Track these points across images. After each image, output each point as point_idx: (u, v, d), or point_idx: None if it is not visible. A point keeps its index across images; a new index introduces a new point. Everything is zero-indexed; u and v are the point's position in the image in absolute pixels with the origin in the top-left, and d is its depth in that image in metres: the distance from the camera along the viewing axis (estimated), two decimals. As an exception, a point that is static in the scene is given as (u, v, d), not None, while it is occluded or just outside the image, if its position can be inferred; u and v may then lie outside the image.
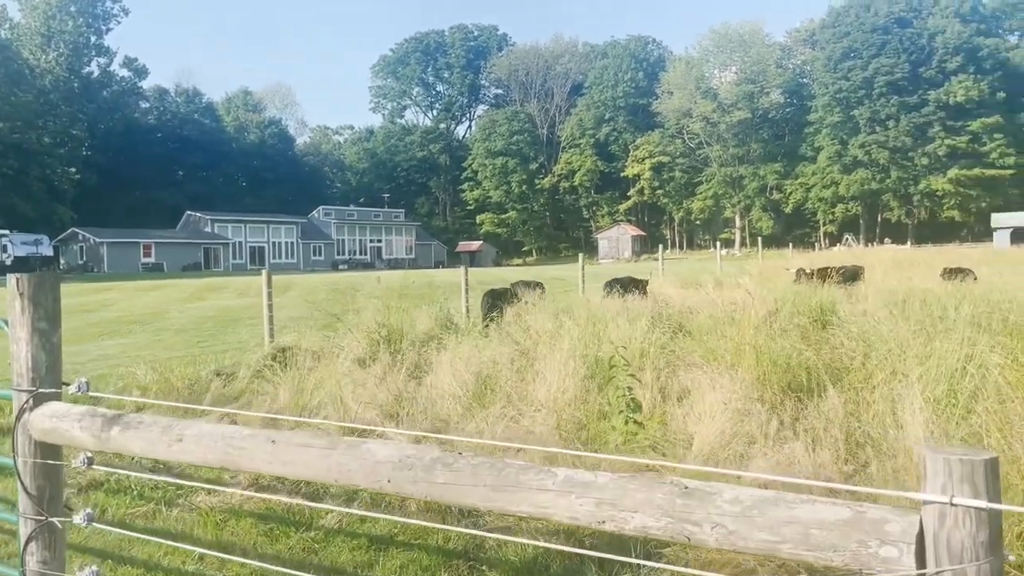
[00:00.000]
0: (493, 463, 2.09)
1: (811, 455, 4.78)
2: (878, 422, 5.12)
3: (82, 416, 2.92)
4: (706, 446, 5.16)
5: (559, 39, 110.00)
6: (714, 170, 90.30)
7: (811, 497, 1.71)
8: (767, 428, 5.23)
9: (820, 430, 5.11)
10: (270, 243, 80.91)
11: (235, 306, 25.38)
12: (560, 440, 5.64)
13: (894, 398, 5.54)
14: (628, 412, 5.44)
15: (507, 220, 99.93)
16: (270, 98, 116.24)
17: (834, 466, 4.71)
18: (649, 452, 5.45)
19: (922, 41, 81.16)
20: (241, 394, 8.88)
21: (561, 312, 12.00)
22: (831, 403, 5.36)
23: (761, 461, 4.76)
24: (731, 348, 6.71)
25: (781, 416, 5.45)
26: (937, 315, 7.98)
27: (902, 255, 35.17)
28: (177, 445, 2.67)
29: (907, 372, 5.67)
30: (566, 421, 5.92)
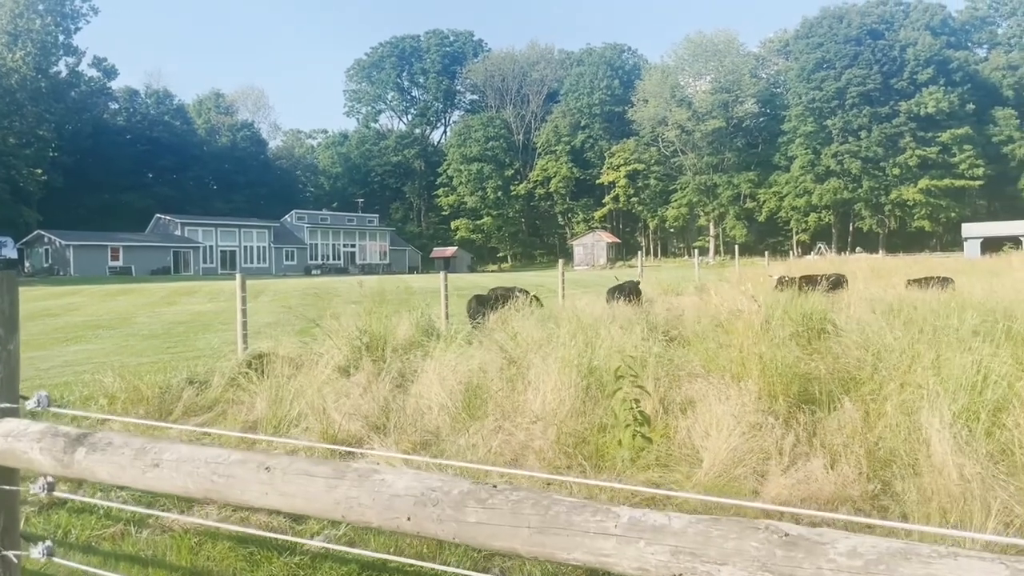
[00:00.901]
0: (537, 499, 1.74)
1: (832, 473, 4.49)
2: (899, 437, 4.84)
3: (42, 435, 2.54)
4: (718, 463, 4.85)
5: (535, 46, 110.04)
6: (688, 178, 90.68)
7: (952, 550, 1.37)
8: (782, 443, 4.94)
9: (839, 446, 4.82)
10: (241, 247, 79.79)
11: (206, 311, 24.78)
12: (563, 456, 5.29)
13: (909, 410, 5.29)
14: (636, 426, 5.13)
15: (482, 226, 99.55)
16: (242, 101, 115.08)
17: (856, 485, 4.42)
18: (657, 468, 5.14)
19: (894, 53, 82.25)
20: (215, 403, 8.44)
21: (548, 319, 11.70)
22: (848, 416, 5.08)
23: (781, 479, 4.46)
24: (735, 357, 6.42)
25: (796, 430, 5.16)
26: (939, 324, 7.77)
27: (878, 263, 35.36)
28: (153, 472, 2.30)
29: (921, 383, 5.41)
30: (566, 435, 5.58)
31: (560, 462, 5.20)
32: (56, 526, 5.03)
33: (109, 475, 2.41)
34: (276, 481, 2.06)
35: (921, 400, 5.33)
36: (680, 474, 5.03)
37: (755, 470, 4.80)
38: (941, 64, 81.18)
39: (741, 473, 4.78)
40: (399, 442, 5.80)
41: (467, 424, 6.47)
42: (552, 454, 5.25)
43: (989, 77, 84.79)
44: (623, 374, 5.38)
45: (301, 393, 7.53)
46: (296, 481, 2.03)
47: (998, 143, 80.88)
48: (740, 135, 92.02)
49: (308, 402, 7.24)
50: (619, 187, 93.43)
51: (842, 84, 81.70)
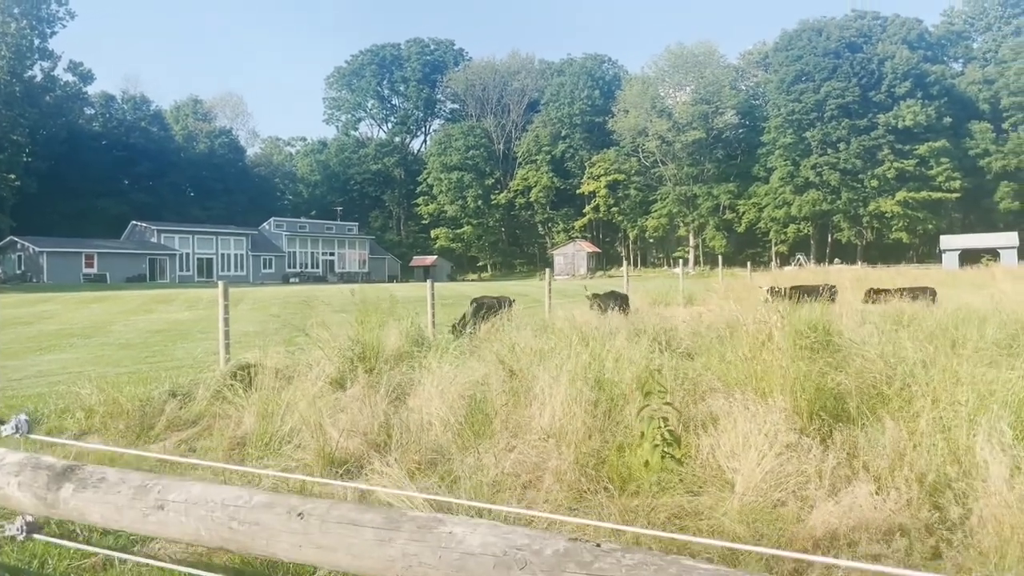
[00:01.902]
0: (662, 565, 1.37)
1: (880, 499, 4.16)
2: (946, 458, 4.53)
3: (20, 467, 2.14)
4: (752, 487, 4.51)
5: (516, 55, 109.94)
6: (668, 189, 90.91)
7: None
8: (821, 466, 4.61)
9: (884, 468, 4.50)
10: (219, 255, 78.83)
11: (184, 319, 24.22)
12: (584, 477, 4.93)
13: (944, 428, 5.00)
14: (664, 446, 4.78)
15: (462, 235, 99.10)
16: (220, 107, 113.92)
17: (906, 512, 4.10)
18: (682, 490, 4.79)
19: (872, 66, 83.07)
20: (200, 417, 8.00)
21: (545, 329, 11.35)
22: (889, 436, 4.76)
23: (829, 507, 4.13)
24: (756, 371, 6.09)
25: (834, 451, 4.83)
26: (955, 336, 7.51)
27: (862, 274, 35.35)
28: (157, 515, 1.91)
29: (959, 400, 5.12)
30: (585, 454, 5.22)
31: (583, 485, 4.83)
32: (31, 555, 4.59)
33: (103, 517, 2.02)
34: (312, 531, 1.68)
35: (957, 418, 5.05)
36: (710, 498, 4.69)
37: (794, 495, 4.46)
38: (918, 78, 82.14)
39: (780, 498, 4.44)
40: (402, 461, 5.40)
41: (472, 441, 6.09)
42: (573, 475, 4.89)
43: (965, 91, 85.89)
44: (651, 390, 5.04)
45: (292, 407, 7.11)
46: (337, 531, 1.66)
47: (974, 156, 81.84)
48: (720, 146, 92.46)
49: (301, 417, 6.82)
50: (599, 197, 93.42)
51: (821, 96, 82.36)
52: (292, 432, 6.66)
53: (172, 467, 5.53)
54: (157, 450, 7.09)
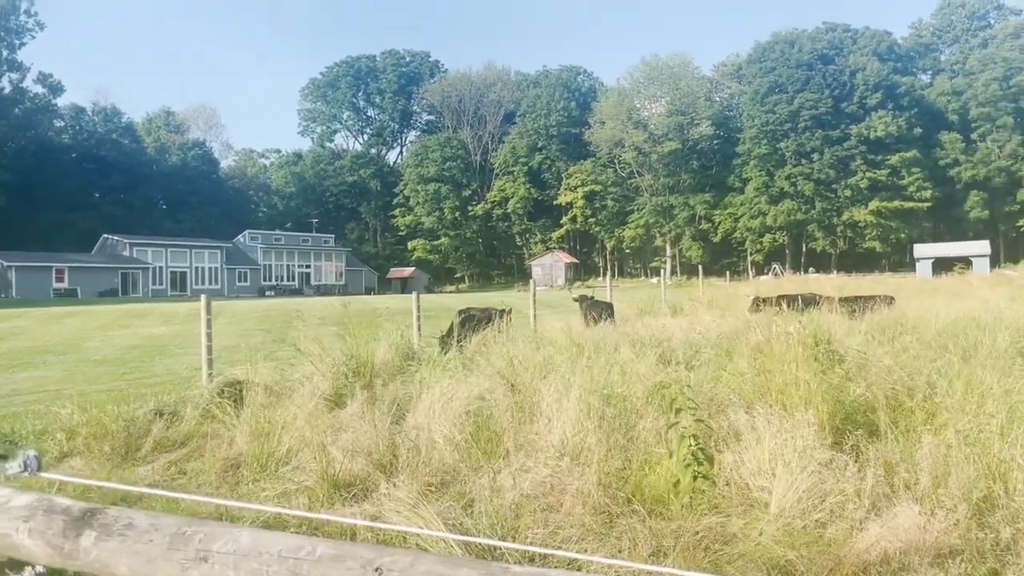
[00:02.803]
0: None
1: (927, 519, 3.96)
2: (988, 473, 4.35)
3: (31, 511, 1.86)
4: (788, 508, 4.29)
5: (491, 67, 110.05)
6: (645, 199, 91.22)
7: None
8: (860, 484, 4.40)
9: (928, 487, 4.30)
10: (192, 268, 77.79)
11: (161, 334, 23.71)
12: (609, 499, 4.68)
13: (974, 441, 4.82)
14: (696, 465, 4.55)
15: (439, 246, 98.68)
16: (193, 119, 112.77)
17: (954, 532, 3.91)
18: (709, 510, 4.56)
19: (844, 78, 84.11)
20: (189, 437, 7.65)
21: (539, 341, 11.12)
22: (928, 451, 4.57)
23: (878, 528, 3.92)
24: (776, 384, 5.89)
25: (873, 469, 4.62)
26: (966, 345, 7.37)
27: (840, 283, 35.51)
28: (199, 569, 1.64)
29: (991, 412, 4.95)
30: (607, 474, 4.97)
31: (610, 507, 4.59)
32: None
33: (132, 571, 1.74)
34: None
35: (986, 431, 4.88)
36: (739, 519, 4.47)
37: (833, 515, 4.25)
38: (889, 89, 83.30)
39: (819, 519, 4.23)
40: (411, 483, 5.13)
41: (481, 460, 5.83)
42: (597, 497, 4.64)
43: (935, 102, 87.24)
44: (681, 406, 4.81)
45: (289, 426, 6.80)
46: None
47: (944, 166, 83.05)
48: (695, 157, 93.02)
49: (298, 437, 6.52)
50: (577, 208, 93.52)
51: (794, 108, 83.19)
52: (290, 453, 6.35)
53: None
54: (146, 472, 6.76)
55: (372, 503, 5.15)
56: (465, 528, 4.36)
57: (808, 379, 5.70)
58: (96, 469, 6.76)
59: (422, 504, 4.58)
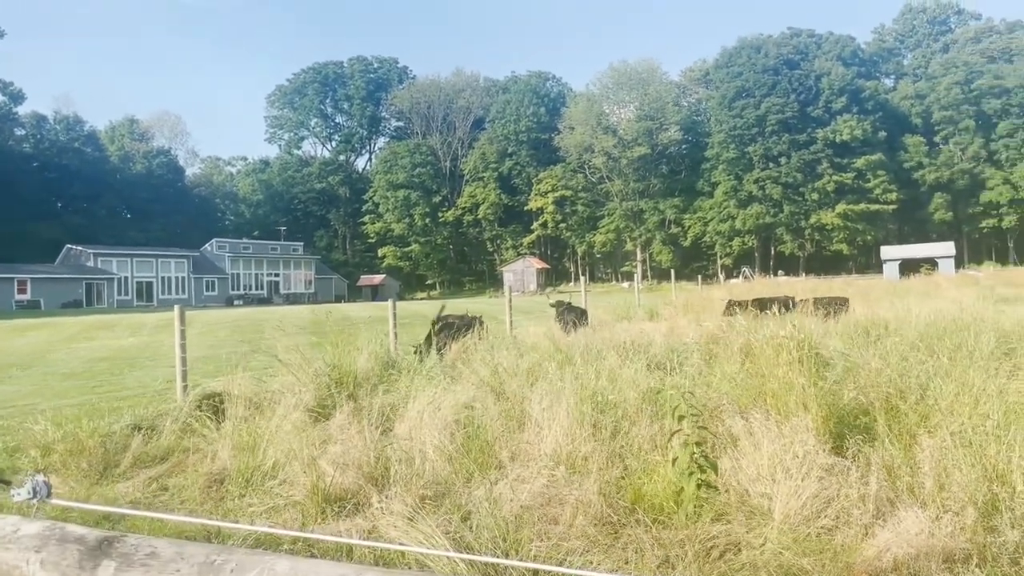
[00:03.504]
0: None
1: (935, 523, 3.93)
2: (982, 475, 4.34)
3: (42, 541, 1.75)
4: (792, 514, 4.25)
5: (460, 73, 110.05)
6: (615, 204, 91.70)
7: None
8: (864, 489, 4.38)
9: (932, 490, 4.29)
10: (159, 278, 76.66)
11: (129, 345, 23.25)
12: (610, 508, 4.60)
13: (969, 442, 4.83)
14: (700, 474, 4.49)
15: (410, 253, 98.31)
16: (158, 127, 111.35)
17: (962, 536, 3.88)
18: (712, 520, 4.51)
19: (809, 82, 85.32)
20: (169, 452, 7.45)
21: (519, 347, 11.04)
22: (930, 454, 4.56)
23: (888, 534, 3.88)
24: (771, 389, 5.87)
25: (875, 473, 4.59)
26: (951, 346, 7.42)
27: (809, 285, 35.86)
28: (233, 604, 1.54)
29: (987, 413, 4.96)
30: (607, 484, 4.90)
31: (612, 517, 4.51)
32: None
33: (156, 606, 1.64)
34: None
35: (982, 433, 4.88)
36: (740, 526, 4.41)
37: (840, 521, 4.22)
38: (853, 93, 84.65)
39: (826, 526, 4.19)
40: (405, 497, 5.01)
41: (473, 471, 5.73)
42: (599, 507, 4.56)
43: (898, 106, 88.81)
44: (683, 413, 4.76)
45: (274, 439, 6.65)
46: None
47: (909, 168, 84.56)
48: (665, 162, 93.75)
49: (284, 449, 6.37)
50: (547, 213, 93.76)
51: (761, 112, 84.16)
52: (276, 467, 6.20)
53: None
54: (126, 489, 6.56)
55: (366, 518, 5.02)
56: (467, 542, 4.26)
57: (803, 383, 5.68)
58: (74, 487, 6.54)
59: (420, 518, 4.47)
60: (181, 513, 5.40)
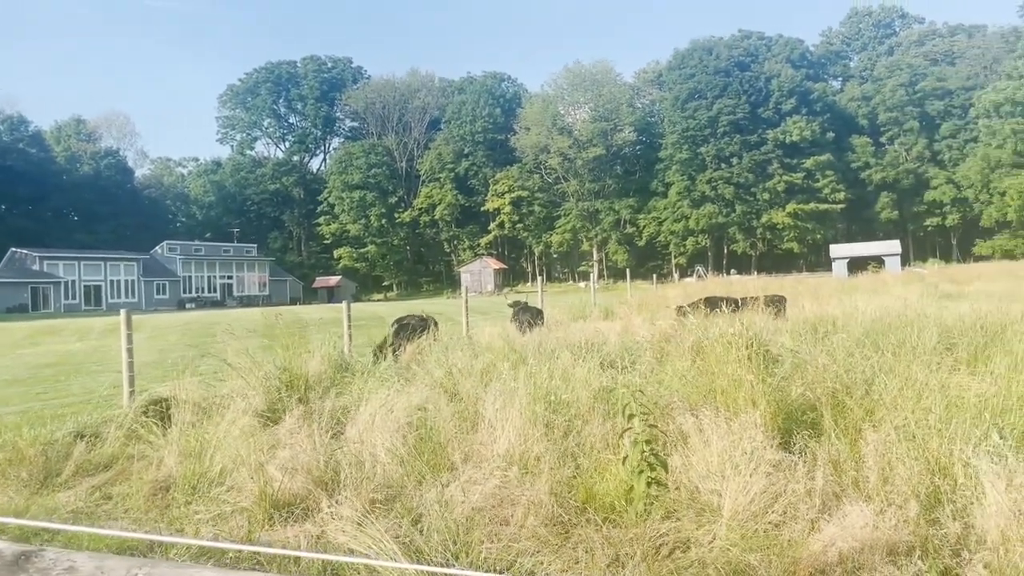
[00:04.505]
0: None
1: (880, 517, 3.99)
2: (926, 469, 4.43)
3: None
4: (741, 510, 4.28)
5: (415, 73, 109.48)
6: (572, 204, 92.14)
7: None
8: (811, 484, 4.43)
9: (877, 484, 4.35)
10: (108, 281, 74.96)
11: (75, 351, 22.67)
12: (561, 508, 4.59)
13: (911, 435, 4.92)
14: (650, 471, 4.50)
15: (366, 254, 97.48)
16: (106, 127, 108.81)
17: (906, 528, 3.95)
18: (662, 518, 4.52)
19: (759, 84, 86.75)
20: (113, 460, 7.26)
21: (475, 348, 11.00)
22: (874, 449, 4.63)
23: (834, 528, 3.93)
24: (720, 386, 5.92)
25: (821, 468, 4.65)
26: (895, 341, 7.57)
27: (761, 284, 36.40)
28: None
29: (929, 408, 5.06)
30: (558, 483, 4.89)
31: (563, 516, 4.50)
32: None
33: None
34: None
35: (924, 426, 4.98)
36: (690, 522, 4.44)
37: (787, 516, 4.26)
38: (802, 95, 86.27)
39: (773, 521, 4.23)
40: (355, 501, 4.94)
41: (425, 473, 5.68)
42: (550, 507, 4.55)
43: (846, 107, 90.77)
44: (634, 411, 4.76)
45: (222, 444, 6.51)
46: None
47: (856, 169, 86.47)
48: (619, 162, 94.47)
49: (232, 455, 6.24)
50: (504, 214, 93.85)
51: (713, 113, 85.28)
52: (224, 473, 6.07)
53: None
54: (67, 499, 6.36)
55: (315, 523, 4.94)
56: (416, 546, 4.21)
57: (752, 379, 5.74)
58: (13, 497, 6.33)
59: (369, 522, 4.41)
60: (118, 527, 5.25)
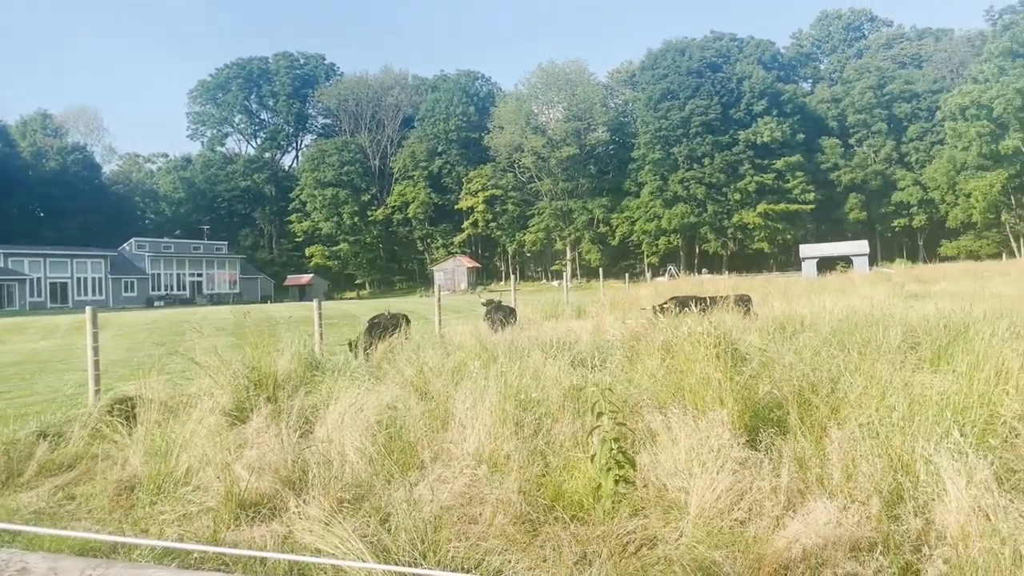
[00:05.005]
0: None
1: (844, 513, 4.05)
2: (888, 466, 4.49)
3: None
4: (708, 507, 4.32)
5: (389, 71, 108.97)
6: (545, 204, 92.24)
7: None
8: (776, 481, 4.48)
9: (840, 481, 4.41)
10: (74, 278, 73.77)
11: (41, 349, 22.31)
12: (531, 506, 4.60)
13: (875, 433, 4.99)
14: (618, 469, 4.52)
15: (338, 252, 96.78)
16: (73, 122, 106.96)
17: (868, 525, 4.01)
18: (628, 512, 4.55)
19: (731, 85, 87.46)
20: (77, 459, 7.15)
21: (447, 346, 10.98)
22: (838, 446, 4.69)
23: (798, 525, 3.98)
24: (689, 384, 5.96)
25: (787, 465, 4.70)
26: (860, 340, 7.68)
27: (732, 283, 36.68)
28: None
29: (893, 406, 5.14)
30: (527, 482, 4.89)
31: (532, 515, 4.51)
32: None
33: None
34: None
35: (888, 424, 5.05)
36: (657, 520, 4.47)
37: (752, 513, 4.31)
38: (773, 96, 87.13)
39: (739, 518, 4.27)
40: (323, 500, 4.91)
41: (394, 472, 5.66)
42: (519, 505, 4.55)
43: (815, 109, 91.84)
44: (603, 410, 4.78)
45: (188, 444, 6.44)
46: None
47: (826, 170, 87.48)
48: (593, 162, 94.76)
49: (199, 455, 6.17)
50: (478, 212, 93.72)
51: (686, 114, 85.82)
52: (190, 472, 6.01)
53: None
54: (30, 499, 6.26)
55: (282, 523, 4.91)
56: (384, 545, 4.20)
57: (720, 378, 5.79)
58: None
59: (336, 521, 4.38)
60: (80, 528, 5.17)
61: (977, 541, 3.63)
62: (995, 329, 7.35)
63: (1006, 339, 6.79)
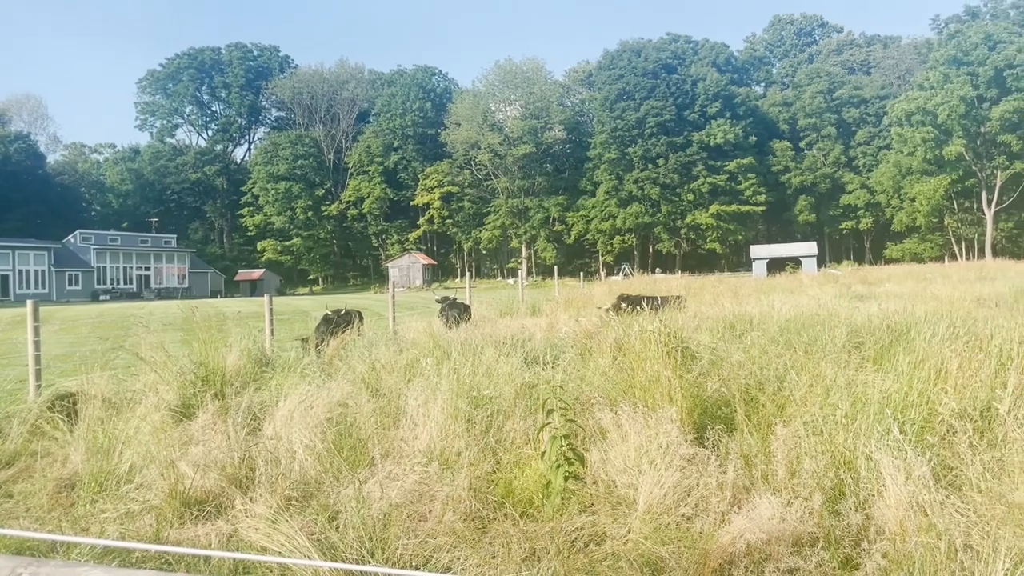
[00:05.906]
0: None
1: (787, 509, 4.13)
2: (831, 463, 4.60)
3: None
4: (655, 503, 4.36)
5: (344, 64, 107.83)
6: (501, 201, 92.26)
7: None
8: (722, 478, 4.54)
9: (784, 477, 4.49)
10: (16, 271, 71.66)
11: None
12: (480, 503, 4.59)
13: (819, 431, 5.10)
14: (567, 466, 4.54)
15: (291, 247, 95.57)
16: (16, 110, 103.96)
17: (811, 520, 4.09)
18: (577, 508, 4.57)
19: (686, 87, 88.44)
20: (15, 457, 6.94)
21: (400, 343, 10.92)
22: (783, 443, 4.77)
23: (742, 520, 4.04)
24: (639, 382, 6.02)
25: (732, 462, 4.78)
26: (806, 339, 7.83)
27: (684, 283, 37.13)
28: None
29: (836, 404, 5.26)
30: (477, 479, 4.89)
31: (481, 512, 4.50)
32: None
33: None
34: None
35: (831, 422, 5.17)
36: (606, 516, 4.50)
37: (698, 509, 4.36)
38: (727, 99, 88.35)
39: (685, 514, 4.32)
40: (270, 498, 4.84)
41: (343, 470, 5.60)
42: (469, 502, 4.54)
43: (768, 112, 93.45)
44: (553, 407, 4.79)
45: (131, 441, 6.30)
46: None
47: (776, 172, 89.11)
48: (549, 160, 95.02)
49: (142, 452, 6.04)
50: (434, 209, 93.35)
51: (641, 114, 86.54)
52: (133, 470, 5.87)
53: None
54: None
55: (227, 521, 4.83)
56: (331, 543, 4.15)
57: (669, 376, 5.86)
58: None
59: (283, 519, 4.33)
60: (18, 526, 5.03)
61: (914, 535, 3.73)
62: (935, 330, 7.57)
63: (945, 339, 7.00)
